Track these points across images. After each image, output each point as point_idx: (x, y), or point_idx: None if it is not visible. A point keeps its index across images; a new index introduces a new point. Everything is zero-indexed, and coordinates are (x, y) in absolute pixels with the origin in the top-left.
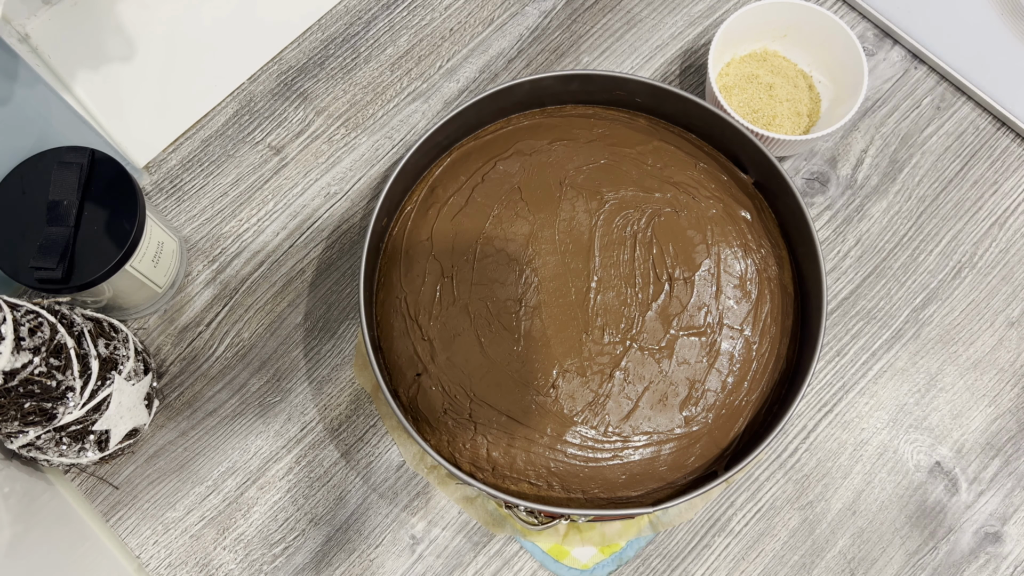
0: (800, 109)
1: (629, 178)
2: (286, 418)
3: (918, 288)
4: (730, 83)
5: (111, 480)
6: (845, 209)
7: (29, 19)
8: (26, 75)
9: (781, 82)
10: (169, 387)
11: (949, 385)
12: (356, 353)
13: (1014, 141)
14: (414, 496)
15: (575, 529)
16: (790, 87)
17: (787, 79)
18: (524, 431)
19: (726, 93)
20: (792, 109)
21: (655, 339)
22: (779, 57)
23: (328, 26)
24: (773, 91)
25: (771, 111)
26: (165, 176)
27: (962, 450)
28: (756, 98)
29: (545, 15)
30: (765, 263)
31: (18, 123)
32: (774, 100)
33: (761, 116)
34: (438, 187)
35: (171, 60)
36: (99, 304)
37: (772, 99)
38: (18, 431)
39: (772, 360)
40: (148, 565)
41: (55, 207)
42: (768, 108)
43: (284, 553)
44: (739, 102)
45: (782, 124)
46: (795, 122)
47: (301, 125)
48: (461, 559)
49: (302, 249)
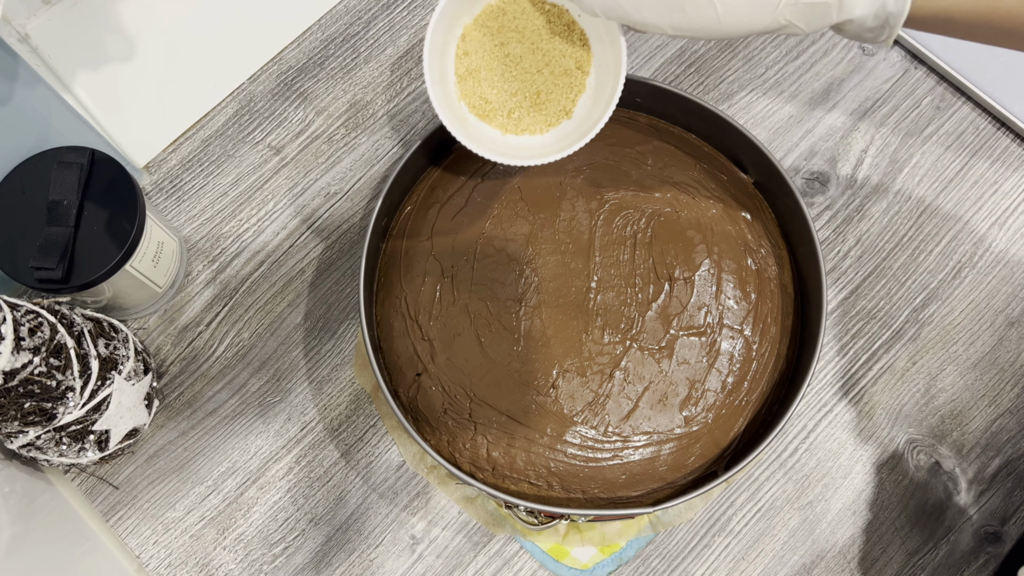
0: (567, 65)
1: (629, 178)
2: (286, 418)
3: (918, 288)
4: (474, 65)
5: (111, 480)
6: (845, 209)
7: (29, 19)
8: (26, 75)
9: (533, 32)
10: (169, 387)
11: (949, 385)
12: (356, 353)
13: (1014, 141)
14: (414, 496)
15: (575, 529)
16: (545, 38)
17: (537, 28)
18: (524, 431)
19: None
20: (559, 69)
21: (655, 339)
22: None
23: (328, 26)
24: (523, 61)
25: (532, 87)
26: (165, 176)
27: (962, 450)
28: (511, 79)
29: None
30: (765, 263)
31: (18, 123)
32: (531, 71)
33: (521, 101)
34: (438, 187)
35: (171, 60)
36: (99, 304)
37: (527, 71)
38: (18, 431)
39: (772, 360)
40: (148, 565)
41: (55, 207)
42: (527, 86)
43: (284, 553)
44: (498, 99)
45: (553, 98)
46: (568, 86)
47: (301, 125)
48: (461, 559)
49: (302, 249)
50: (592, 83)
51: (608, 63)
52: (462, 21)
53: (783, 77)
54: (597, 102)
